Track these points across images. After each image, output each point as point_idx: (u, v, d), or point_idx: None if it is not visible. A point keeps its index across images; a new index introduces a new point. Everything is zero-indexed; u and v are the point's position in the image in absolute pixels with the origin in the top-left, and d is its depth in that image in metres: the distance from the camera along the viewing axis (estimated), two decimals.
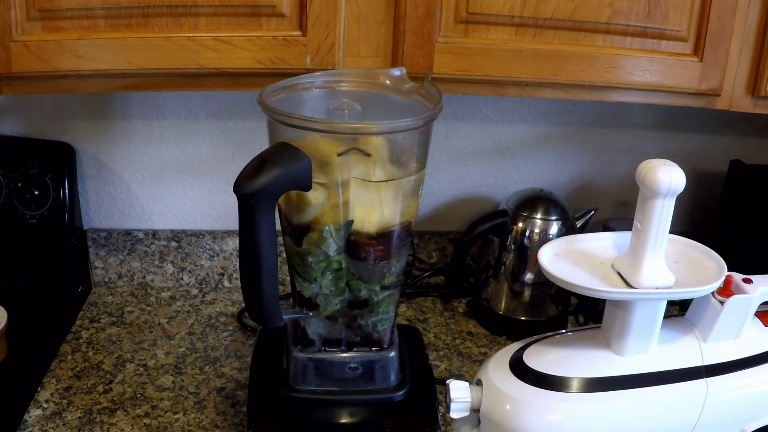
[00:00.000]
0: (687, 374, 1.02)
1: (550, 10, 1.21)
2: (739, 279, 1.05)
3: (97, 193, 1.70)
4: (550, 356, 1.05)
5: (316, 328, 1.13)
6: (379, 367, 1.15)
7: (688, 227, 1.85)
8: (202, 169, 1.69)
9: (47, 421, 1.30)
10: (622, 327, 1.02)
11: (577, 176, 1.80)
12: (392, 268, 1.09)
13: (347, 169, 1.01)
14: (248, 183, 0.93)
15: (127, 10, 1.15)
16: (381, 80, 1.14)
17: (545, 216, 1.57)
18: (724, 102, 1.31)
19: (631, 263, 1.01)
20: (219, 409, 1.36)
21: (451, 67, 1.23)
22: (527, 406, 1.00)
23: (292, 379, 1.14)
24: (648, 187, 0.95)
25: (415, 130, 1.04)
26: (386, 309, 1.12)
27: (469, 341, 1.60)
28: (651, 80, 1.28)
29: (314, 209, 1.03)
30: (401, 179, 1.05)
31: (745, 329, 1.05)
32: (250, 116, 1.63)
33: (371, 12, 1.19)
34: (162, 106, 1.62)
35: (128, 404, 1.35)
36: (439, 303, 1.74)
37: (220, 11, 1.17)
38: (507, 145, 1.75)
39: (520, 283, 1.60)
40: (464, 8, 1.20)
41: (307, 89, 1.14)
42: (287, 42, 1.19)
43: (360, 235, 1.05)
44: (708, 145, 1.80)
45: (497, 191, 1.78)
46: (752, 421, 1.04)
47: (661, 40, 1.26)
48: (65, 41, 1.15)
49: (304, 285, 1.08)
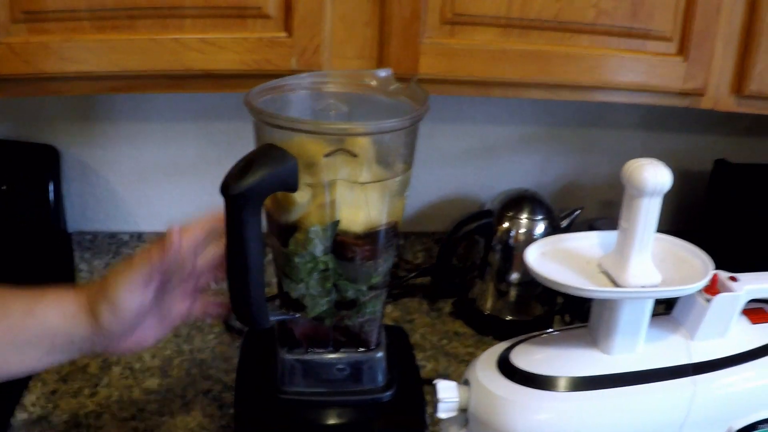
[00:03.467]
0: (674, 372, 1.02)
1: (535, 10, 1.21)
2: (725, 277, 1.05)
3: (82, 195, 1.69)
4: (537, 355, 1.05)
5: (303, 329, 1.13)
6: (367, 368, 1.15)
7: (674, 226, 1.85)
8: (188, 171, 1.68)
9: (34, 425, 1.29)
10: (609, 326, 1.02)
11: (562, 176, 1.80)
12: (379, 268, 1.09)
13: (334, 169, 1.01)
14: (235, 184, 0.93)
15: (112, 12, 1.15)
16: (367, 81, 1.14)
17: (531, 216, 1.57)
18: (709, 101, 1.32)
19: (617, 262, 1.01)
20: (206, 412, 1.35)
21: (436, 68, 1.24)
22: (515, 405, 1.00)
23: (280, 381, 1.14)
24: (634, 186, 0.96)
25: (402, 131, 1.04)
26: (373, 310, 1.12)
27: (455, 341, 1.60)
28: (636, 80, 1.28)
29: (300, 209, 1.03)
30: (388, 180, 1.05)
31: (732, 327, 1.05)
32: (236, 118, 1.63)
33: (357, 13, 1.20)
34: (147, 108, 1.62)
35: (115, 407, 1.35)
36: (426, 303, 1.74)
37: (205, 13, 1.17)
38: (492, 145, 1.75)
39: (506, 283, 1.60)
40: (450, 9, 1.20)
41: (294, 90, 1.13)
42: (273, 43, 1.19)
43: (347, 236, 1.05)
44: (693, 144, 1.81)
45: (482, 191, 1.79)
46: (740, 419, 1.04)
47: (646, 40, 1.26)
48: (50, 43, 1.15)
49: (291, 286, 1.08)
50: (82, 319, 0.99)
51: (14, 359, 0.98)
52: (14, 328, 0.97)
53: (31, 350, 0.99)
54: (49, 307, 0.99)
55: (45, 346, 0.99)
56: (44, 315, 0.98)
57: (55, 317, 0.98)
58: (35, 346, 0.98)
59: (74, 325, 0.99)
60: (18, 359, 0.99)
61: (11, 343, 0.97)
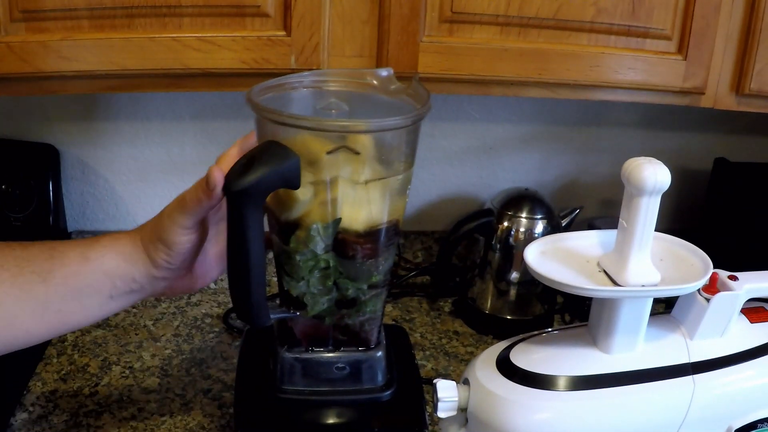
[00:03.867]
0: (674, 371, 1.02)
1: (534, 9, 1.21)
2: (724, 276, 1.05)
3: (81, 194, 1.69)
4: (536, 355, 1.05)
5: (303, 327, 1.13)
6: (366, 367, 1.15)
7: (673, 225, 1.85)
8: (187, 170, 1.68)
9: (33, 425, 1.29)
10: (609, 325, 1.02)
11: (562, 175, 1.80)
12: (380, 267, 1.09)
13: (336, 167, 1.01)
14: (237, 181, 0.93)
15: (110, 10, 1.15)
16: (368, 80, 1.14)
17: (530, 215, 1.57)
18: (709, 100, 1.32)
19: (617, 261, 1.01)
20: (206, 411, 1.35)
21: (435, 66, 1.24)
22: (514, 404, 1.00)
23: (279, 380, 1.14)
24: (633, 185, 0.95)
25: (404, 129, 1.04)
26: (374, 308, 1.12)
27: (455, 340, 1.60)
28: (635, 78, 1.28)
29: (302, 206, 1.03)
30: (390, 178, 1.05)
31: (732, 326, 1.05)
32: (235, 117, 1.63)
33: (356, 12, 1.19)
34: (146, 107, 1.62)
35: (114, 407, 1.35)
36: (425, 303, 1.74)
37: (204, 11, 1.17)
38: (492, 144, 1.75)
39: (506, 282, 1.60)
40: (449, 8, 1.20)
41: (295, 89, 1.13)
42: (272, 42, 1.19)
43: (348, 234, 1.05)
44: (692, 143, 1.81)
45: (482, 190, 1.79)
46: (739, 418, 1.04)
47: (646, 38, 1.26)
48: (49, 42, 1.15)
49: (291, 284, 1.08)
50: (139, 260, 1.00)
51: (76, 308, 0.99)
52: (72, 276, 0.98)
53: (92, 297, 1.00)
54: (105, 249, 1.00)
55: (106, 291, 1.00)
56: (101, 259, 0.99)
57: (112, 260, 0.99)
58: (96, 292, 1.00)
59: (132, 266, 1.00)
60: (79, 307, 1.00)
61: (72, 291, 0.98)
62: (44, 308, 0.97)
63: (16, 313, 0.96)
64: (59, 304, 0.98)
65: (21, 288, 0.96)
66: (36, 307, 0.97)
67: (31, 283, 0.96)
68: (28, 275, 0.96)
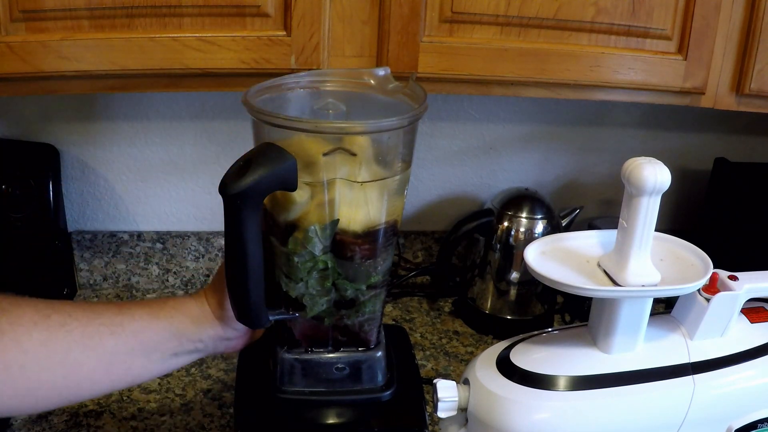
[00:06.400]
0: (674, 371, 1.02)
1: (534, 9, 1.21)
2: (724, 276, 1.05)
3: (81, 194, 1.69)
4: (536, 355, 1.05)
5: (302, 328, 1.13)
6: (366, 367, 1.15)
7: (673, 225, 1.85)
8: (187, 170, 1.68)
9: (34, 425, 1.29)
10: (609, 325, 1.02)
11: (561, 175, 1.80)
12: (378, 267, 1.09)
13: (333, 168, 1.01)
14: (234, 183, 0.93)
15: (110, 10, 1.15)
16: (366, 80, 1.14)
17: (530, 215, 1.57)
18: (709, 100, 1.32)
19: (617, 261, 1.01)
20: (206, 411, 1.35)
21: (436, 66, 1.24)
22: (514, 404, 1.00)
23: (279, 380, 1.14)
24: (633, 185, 0.95)
25: (401, 130, 1.03)
26: (373, 309, 1.12)
27: (455, 340, 1.60)
28: (635, 78, 1.28)
29: (299, 207, 1.03)
30: (387, 179, 1.05)
31: (732, 326, 1.05)
32: (235, 117, 1.63)
33: (356, 12, 1.19)
34: (146, 107, 1.62)
35: (114, 407, 1.35)
36: (425, 303, 1.74)
37: (204, 11, 1.17)
38: (492, 144, 1.75)
39: (506, 282, 1.60)
40: (449, 7, 1.20)
41: (292, 89, 1.13)
42: (272, 42, 1.19)
43: (346, 234, 1.05)
44: (692, 143, 1.81)
45: (482, 190, 1.79)
46: (739, 418, 1.04)
47: (646, 38, 1.26)
48: (49, 42, 1.15)
49: (290, 285, 1.08)
50: (206, 322, 1.05)
51: (142, 362, 1.01)
52: (142, 331, 1.01)
53: (158, 353, 1.02)
54: (174, 311, 1.04)
55: (172, 348, 1.03)
56: (170, 319, 1.03)
57: (181, 320, 1.03)
58: (162, 348, 1.02)
59: (199, 327, 1.05)
60: (145, 362, 1.02)
61: (140, 345, 1.00)
62: (111, 360, 0.98)
63: (83, 361, 0.96)
64: (126, 356, 0.99)
65: (91, 338, 0.97)
66: (103, 358, 0.98)
67: (100, 335, 0.97)
68: (97, 326, 0.98)
